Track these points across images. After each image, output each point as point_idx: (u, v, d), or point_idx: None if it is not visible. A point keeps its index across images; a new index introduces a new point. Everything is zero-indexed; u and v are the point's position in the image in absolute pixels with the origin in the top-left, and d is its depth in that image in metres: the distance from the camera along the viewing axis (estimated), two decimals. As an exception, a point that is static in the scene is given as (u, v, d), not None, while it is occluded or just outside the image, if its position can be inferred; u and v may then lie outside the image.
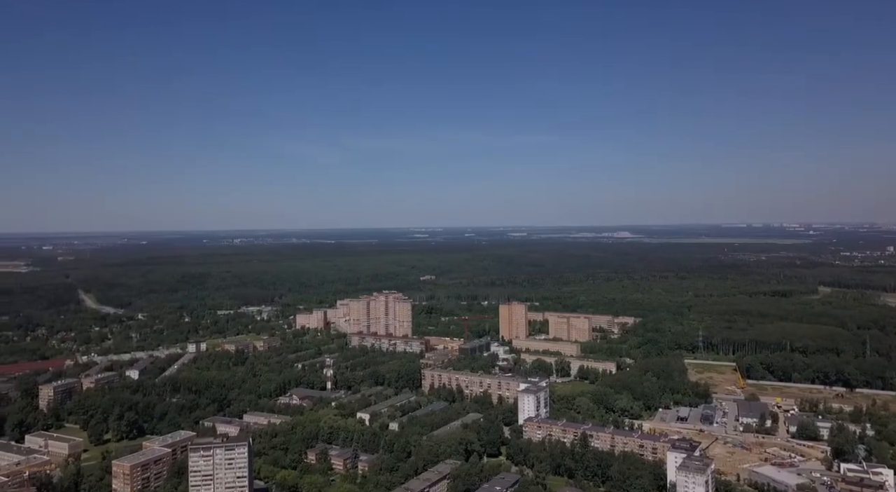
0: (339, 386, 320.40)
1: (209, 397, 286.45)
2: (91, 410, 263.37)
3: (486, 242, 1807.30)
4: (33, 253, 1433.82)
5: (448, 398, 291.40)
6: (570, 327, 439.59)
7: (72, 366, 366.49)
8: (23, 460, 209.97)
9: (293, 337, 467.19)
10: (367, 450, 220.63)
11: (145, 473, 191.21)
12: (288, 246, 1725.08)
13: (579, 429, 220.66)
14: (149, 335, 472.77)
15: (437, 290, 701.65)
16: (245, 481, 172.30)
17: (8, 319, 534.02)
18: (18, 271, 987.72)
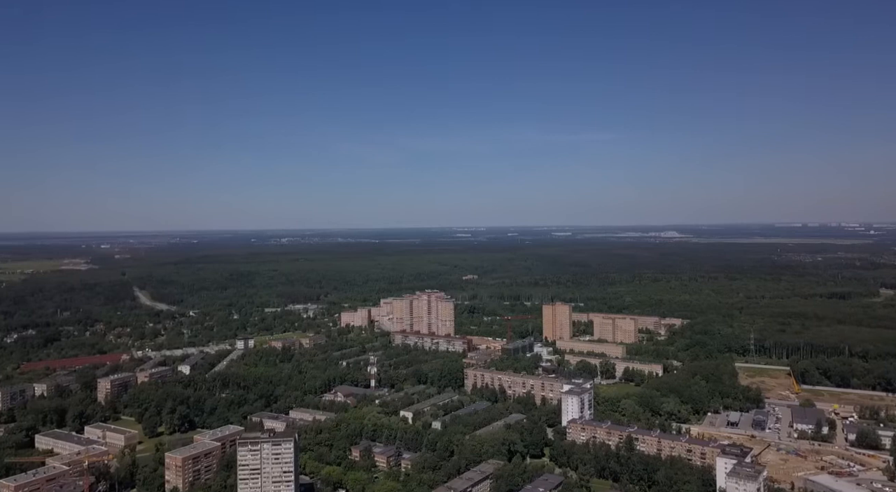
0: (382, 384, 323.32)
1: (257, 392, 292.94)
2: (145, 403, 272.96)
3: (530, 241, 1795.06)
4: (92, 251, 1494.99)
5: (490, 398, 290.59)
6: (616, 329, 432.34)
7: (128, 360, 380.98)
8: (83, 450, 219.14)
9: (338, 335, 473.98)
10: (410, 448, 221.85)
11: (196, 465, 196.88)
12: (333, 245, 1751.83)
13: (624, 432, 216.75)
14: (200, 332, 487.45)
15: (480, 289, 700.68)
16: (291, 476, 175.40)
17: (69, 314, 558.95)
18: (79, 269, 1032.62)
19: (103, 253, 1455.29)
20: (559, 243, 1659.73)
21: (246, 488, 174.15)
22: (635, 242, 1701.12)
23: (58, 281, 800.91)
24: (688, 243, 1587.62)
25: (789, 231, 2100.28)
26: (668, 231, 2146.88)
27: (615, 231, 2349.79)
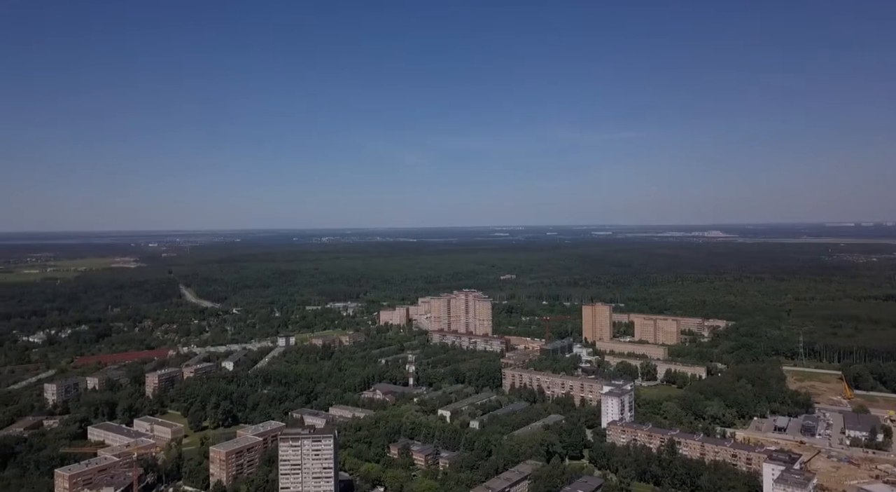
0: (420, 382, 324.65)
1: (297, 389, 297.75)
2: (191, 398, 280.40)
3: (569, 241, 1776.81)
4: (141, 250, 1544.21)
5: (529, 399, 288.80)
6: (657, 330, 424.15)
7: (174, 356, 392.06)
8: (132, 442, 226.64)
9: (377, 333, 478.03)
10: (447, 447, 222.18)
11: (239, 459, 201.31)
12: (372, 244, 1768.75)
13: (666, 435, 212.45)
14: (243, 329, 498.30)
15: (518, 289, 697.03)
16: (331, 472, 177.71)
17: (119, 311, 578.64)
18: (128, 267, 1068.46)
19: (151, 251, 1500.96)
20: (599, 243, 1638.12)
21: (287, 483, 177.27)
22: (678, 241, 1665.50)
23: (109, 279, 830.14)
24: (733, 243, 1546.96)
25: (841, 231, 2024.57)
26: (713, 230, 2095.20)
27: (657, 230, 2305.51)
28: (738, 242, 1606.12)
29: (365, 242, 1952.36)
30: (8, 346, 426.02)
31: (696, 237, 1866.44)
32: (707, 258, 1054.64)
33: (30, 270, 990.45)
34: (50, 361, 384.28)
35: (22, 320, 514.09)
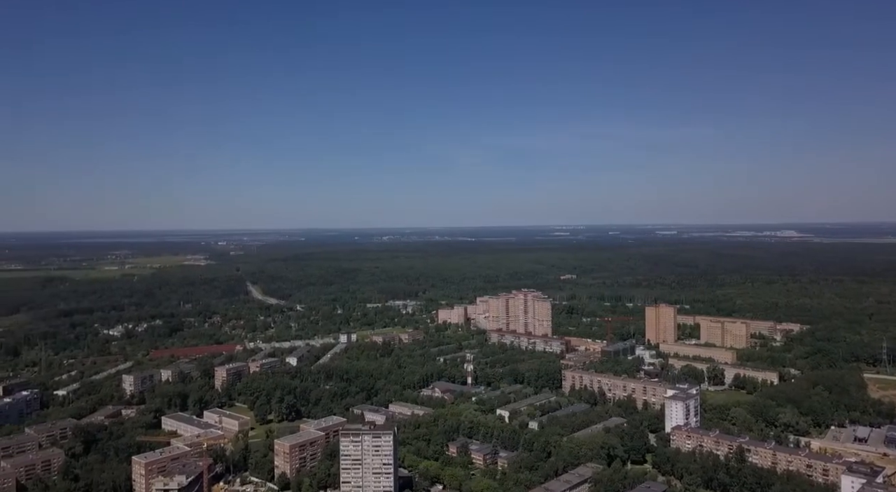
0: (478, 382, 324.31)
1: (358, 385, 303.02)
2: (257, 392, 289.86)
3: (632, 240, 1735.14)
4: (211, 248, 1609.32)
5: (589, 400, 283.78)
6: (725, 333, 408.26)
7: (241, 351, 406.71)
8: (202, 433, 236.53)
9: (435, 331, 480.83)
10: (506, 447, 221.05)
11: (302, 453, 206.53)
12: (431, 243, 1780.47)
13: (735, 442, 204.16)
14: (306, 325, 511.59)
15: (578, 289, 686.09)
16: (391, 468, 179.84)
17: (190, 306, 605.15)
18: (199, 264, 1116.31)
19: (220, 250, 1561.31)
20: (664, 242, 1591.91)
21: (348, 478, 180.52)
22: (748, 241, 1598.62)
23: (181, 276, 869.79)
24: (808, 243, 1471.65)
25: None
26: (786, 230, 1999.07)
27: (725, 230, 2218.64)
28: (815, 241, 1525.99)
29: (424, 241, 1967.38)
30: (90, 339, 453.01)
31: (768, 237, 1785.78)
32: (780, 259, 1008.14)
33: (110, 267, 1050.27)
34: (128, 354, 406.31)
35: (103, 315, 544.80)
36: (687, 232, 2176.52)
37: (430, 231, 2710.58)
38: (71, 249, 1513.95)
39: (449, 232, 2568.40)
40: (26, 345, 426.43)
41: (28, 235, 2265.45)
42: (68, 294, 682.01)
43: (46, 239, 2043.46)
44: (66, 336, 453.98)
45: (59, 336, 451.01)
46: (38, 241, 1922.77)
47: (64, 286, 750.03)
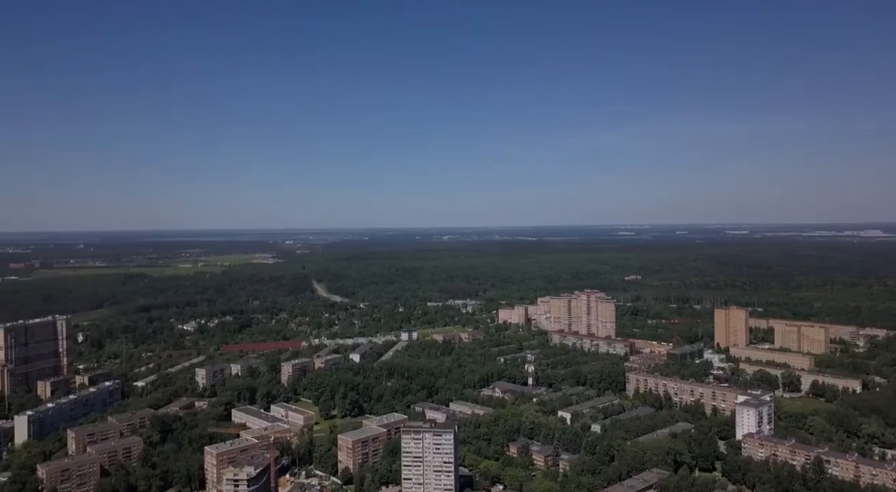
0: (539, 383, 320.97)
1: (419, 383, 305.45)
2: (321, 387, 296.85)
3: (701, 240, 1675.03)
4: (278, 247, 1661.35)
5: (654, 404, 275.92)
6: (802, 337, 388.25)
7: (306, 347, 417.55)
8: (269, 426, 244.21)
9: (495, 331, 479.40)
10: (567, 449, 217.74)
11: (365, 448, 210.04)
12: (491, 243, 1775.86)
13: (813, 452, 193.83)
14: (369, 323, 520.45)
15: (644, 290, 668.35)
16: (451, 467, 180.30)
17: (259, 303, 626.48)
18: (267, 263, 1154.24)
19: (287, 249, 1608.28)
20: (734, 243, 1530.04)
21: (409, 475, 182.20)
22: (828, 241, 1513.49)
23: (250, 273, 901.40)
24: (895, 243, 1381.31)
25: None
26: (870, 229, 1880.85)
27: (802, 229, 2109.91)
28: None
29: (484, 240, 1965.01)
30: (166, 333, 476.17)
31: (850, 237, 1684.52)
32: (863, 260, 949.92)
33: (184, 265, 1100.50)
34: (200, 348, 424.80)
35: (178, 310, 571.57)
36: (760, 232, 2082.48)
37: (490, 231, 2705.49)
38: (148, 247, 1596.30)
39: (509, 232, 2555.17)
40: (109, 338, 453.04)
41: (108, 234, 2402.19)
42: (146, 290, 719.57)
43: (126, 238, 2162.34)
44: (144, 330, 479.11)
45: (138, 330, 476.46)
46: (118, 239, 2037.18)
47: (143, 283, 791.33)
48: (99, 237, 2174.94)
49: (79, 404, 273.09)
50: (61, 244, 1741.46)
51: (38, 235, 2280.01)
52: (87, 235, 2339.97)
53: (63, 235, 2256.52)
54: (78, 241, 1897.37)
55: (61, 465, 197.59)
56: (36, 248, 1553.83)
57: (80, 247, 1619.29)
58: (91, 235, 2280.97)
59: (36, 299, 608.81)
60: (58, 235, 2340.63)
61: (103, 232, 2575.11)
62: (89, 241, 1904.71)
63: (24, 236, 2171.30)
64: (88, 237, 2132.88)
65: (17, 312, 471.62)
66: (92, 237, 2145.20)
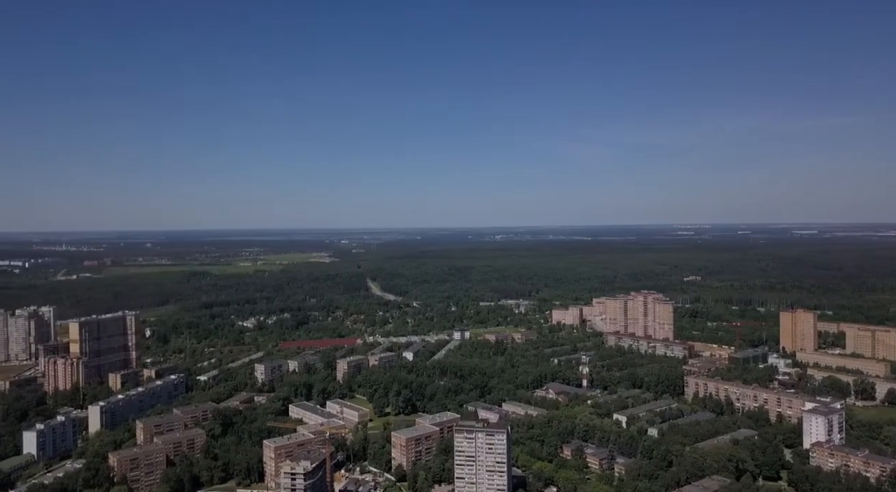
0: (594, 385, 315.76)
1: (472, 383, 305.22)
2: (375, 384, 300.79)
3: (764, 240, 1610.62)
4: (334, 246, 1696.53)
5: (715, 409, 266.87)
6: (877, 342, 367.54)
7: (361, 344, 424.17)
8: (325, 422, 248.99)
9: (549, 332, 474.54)
10: (623, 453, 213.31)
11: (418, 446, 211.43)
12: (545, 242, 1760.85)
13: (889, 464, 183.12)
14: (422, 321, 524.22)
15: (703, 292, 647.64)
16: (504, 467, 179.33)
17: (315, 301, 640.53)
18: (323, 261, 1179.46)
19: (343, 248, 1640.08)
20: (802, 243, 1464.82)
21: (462, 474, 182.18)
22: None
23: (307, 272, 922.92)
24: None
25: None
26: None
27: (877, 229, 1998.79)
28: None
29: (538, 240, 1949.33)
30: (227, 329, 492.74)
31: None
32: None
33: (244, 263, 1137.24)
34: (259, 344, 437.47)
35: (238, 307, 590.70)
36: (830, 231, 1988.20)
37: (543, 230, 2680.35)
38: (211, 246, 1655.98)
39: (563, 231, 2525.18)
40: (174, 333, 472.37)
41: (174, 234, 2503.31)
42: (209, 288, 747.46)
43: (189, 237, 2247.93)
44: (207, 326, 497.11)
45: (201, 326, 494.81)
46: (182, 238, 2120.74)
47: (205, 281, 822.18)
48: (165, 236, 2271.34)
49: (146, 396, 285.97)
50: (131, 243, 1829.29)
51: (110, 235, 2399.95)
52: (155, 234, 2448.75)
53: (132, 235, 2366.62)
54: (146, 240, 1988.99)
55: (130, 454, 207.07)
56: (108, 246, 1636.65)
57: (147, 246, 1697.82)
58: (158, 235, 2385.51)
59: (107, 296, 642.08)
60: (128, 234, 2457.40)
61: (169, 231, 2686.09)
62: (156, 240, 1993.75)
63: (97, 236, 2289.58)
64: (156, 236, 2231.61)
65: (90, 307, 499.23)
66: (159, 236, 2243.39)
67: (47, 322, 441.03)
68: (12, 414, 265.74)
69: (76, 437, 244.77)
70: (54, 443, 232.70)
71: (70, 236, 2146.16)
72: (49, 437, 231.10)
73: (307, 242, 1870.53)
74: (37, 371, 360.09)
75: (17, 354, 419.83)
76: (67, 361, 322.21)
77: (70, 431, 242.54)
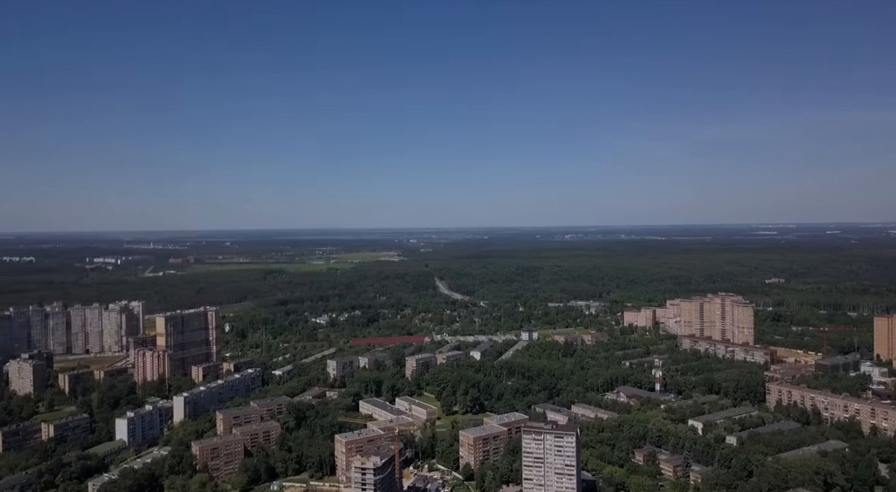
0: (668, 389, 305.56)
1: (540, 383, 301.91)
2: (443, 383, 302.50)
3: (856, 240, 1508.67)
4: (403, 245, 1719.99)
5: (800, 419, 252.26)
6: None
7: (429, 343, 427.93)
8: (394, 419, 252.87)
9: (620, 334, 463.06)
10: (699, 460, 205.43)
11: (486, 446, 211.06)
12: (616, 242, 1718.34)
13: None
14: (489, 321, 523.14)
15: (787, 295, 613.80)
16: (573, 470, 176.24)
17: (385, 299, 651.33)
18: (393, 260, 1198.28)
19: (411, 247, 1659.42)
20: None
21: (530, 475, 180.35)
22: None
23: (377, 270, 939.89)
24: None
25: None
26: None
27: None
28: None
29: (609, 239, 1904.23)
30: (301, 325, 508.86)
31: None
32: None
33: (317, 262, 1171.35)
34: (331, 341, 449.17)
35: (311, 304, 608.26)
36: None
37: (615, 229, 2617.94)
38: (286, 245, 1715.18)
39: (636, 230, 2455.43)
40: (251, 329, 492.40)
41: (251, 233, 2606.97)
42: (284, 285, 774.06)
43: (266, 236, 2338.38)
44: (282, 322, 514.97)
45: (276, 322, 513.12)
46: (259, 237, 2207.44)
47: (281, 278, 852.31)
48: (244, 236, 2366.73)
49: (226, 388, 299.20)
50: (212, 242, 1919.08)
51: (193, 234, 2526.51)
52: (234, 233, 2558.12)
53: (214, 234, 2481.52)
54: (226, 239, 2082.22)
55: (211, 444, 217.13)
56: (191, 245, 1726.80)
57: (227, 245, 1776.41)
58: (237, 234, 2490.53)
59: (190, 292, 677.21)
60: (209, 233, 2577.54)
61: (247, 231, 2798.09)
62: (235, 239, 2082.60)
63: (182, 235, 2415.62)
64: (235, 236, 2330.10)
65: (175, 303, 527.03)
66: (238, 235, 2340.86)
67: (136, 316, 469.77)
68: (106, 402, 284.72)
69: (162, 425, 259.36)
70: (143, 430, 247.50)
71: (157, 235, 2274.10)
72: (138, 424, 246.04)
73: (377, 242, 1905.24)
74: (127, 362, 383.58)
75: (110, 345, 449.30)
76: (154, 354, 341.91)
77: (157, 419, 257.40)
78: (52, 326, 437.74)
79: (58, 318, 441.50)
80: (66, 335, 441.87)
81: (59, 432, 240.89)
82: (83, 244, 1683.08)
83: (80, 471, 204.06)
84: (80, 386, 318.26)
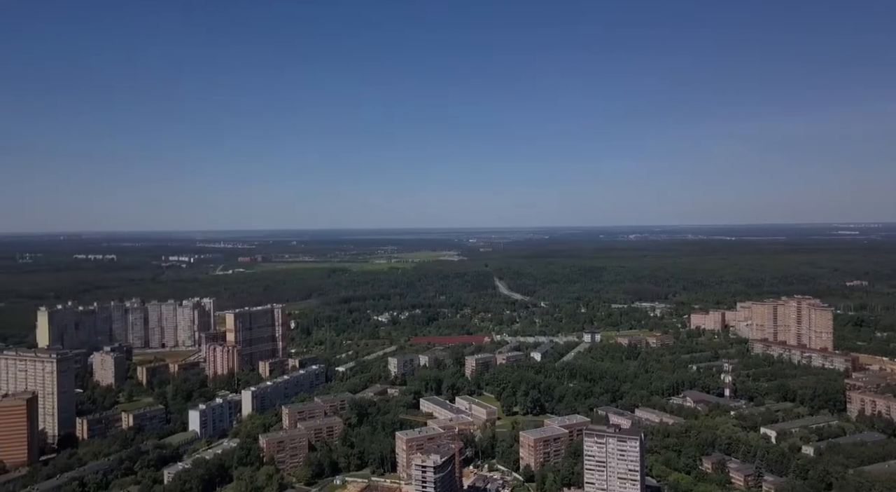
0: (738, 395, 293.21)
1: (602, 386, 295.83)
2: (503, 383, 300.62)
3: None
4: (462, 245, 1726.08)
5: (885, 430, 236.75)
6: None
7: (489, 342, 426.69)
8: (454, 418, 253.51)
9: (687, 337, 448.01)
10: (772, 471, 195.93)
11: (546, 448, 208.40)
12: (683, 242, 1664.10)
13: None
14: (550, 322, 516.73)
15: (871, 298, 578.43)
16: (637, 475, 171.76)
17: (444, 298, 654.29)
18: (452, 260, 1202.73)
19: (471, 246, 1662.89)
20: None
21: (592, 479, 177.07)
22: None
23: (437, 270, 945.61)
24: None
25: None
26: None
27: None
28: None
29: (675, 239, 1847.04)
30: (363, 323, 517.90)
31: None
32: None
33: (379, 261, 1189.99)
34: (392, 339, 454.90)
35: (373, 302, 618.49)
36: None
37: (681, 229, 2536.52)
38: (349, 244, 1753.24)
39: (704, 230, 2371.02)
40: (315, 326, 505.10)
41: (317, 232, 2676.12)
42: (347, 284, 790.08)
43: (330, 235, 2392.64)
44: (345, 320, 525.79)
45: (339, 320, 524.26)
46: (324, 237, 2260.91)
47: (344, 277, 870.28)
48: (309, 235, 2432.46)
49: (291, 383, 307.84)
50: (279, 241, 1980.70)
51: (261, 233, 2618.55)
52: (300, 232, 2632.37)
53: (281, 233, 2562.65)
54: (292, 238, 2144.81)
55: (278, 437, 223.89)
56: (259, 244, 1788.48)
57: (293, 244, 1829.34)
58: (303, 233, 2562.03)
59: (257, 289, 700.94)
60: (276, 232, 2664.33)
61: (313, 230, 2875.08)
62: (301, 238, 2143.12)
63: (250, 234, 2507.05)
64: (301, 235, 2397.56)
65: (243, 300, 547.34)
66: (303, 235, 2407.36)
67: (208, 312, 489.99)
68: (180, 394, 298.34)
69: (232, 417, 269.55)
70: (214, 422, 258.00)
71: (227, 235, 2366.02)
72: (210, 416, 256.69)
73: (437, 241, 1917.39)
74: (199, 356, 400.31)
75: (183, 340, 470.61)
76: (224, 349, 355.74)
77: (227, 412, 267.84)
78: (132, 321, 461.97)
79: (136, 313, 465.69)
80: (143, 330, 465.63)
81: (137, 422, 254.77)
82: (159, 242, 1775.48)
83: (156, 459, 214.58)
84: (156, 378, 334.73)
